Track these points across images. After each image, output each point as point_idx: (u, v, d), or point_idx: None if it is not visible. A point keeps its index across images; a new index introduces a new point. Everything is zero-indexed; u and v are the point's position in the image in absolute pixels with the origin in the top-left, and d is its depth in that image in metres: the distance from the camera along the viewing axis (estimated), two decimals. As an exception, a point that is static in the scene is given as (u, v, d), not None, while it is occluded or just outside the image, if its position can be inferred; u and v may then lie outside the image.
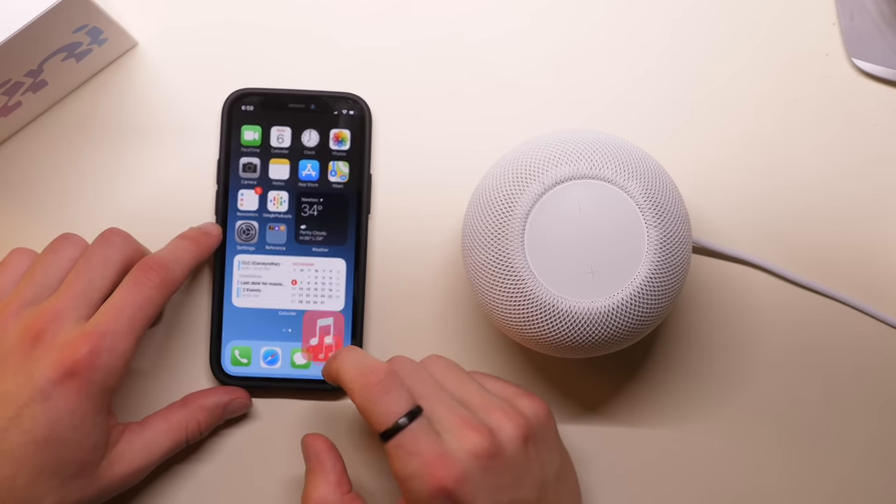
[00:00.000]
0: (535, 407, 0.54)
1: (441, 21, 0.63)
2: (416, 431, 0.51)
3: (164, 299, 0.55)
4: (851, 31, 0.63)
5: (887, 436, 0.62)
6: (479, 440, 0.51)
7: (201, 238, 0.59)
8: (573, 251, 0.54)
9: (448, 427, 0.52)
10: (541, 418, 0.54)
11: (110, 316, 0.53)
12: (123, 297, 0.54)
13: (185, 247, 0.58)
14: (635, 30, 0.63)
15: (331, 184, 0.61)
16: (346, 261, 0.61)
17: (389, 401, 0.52)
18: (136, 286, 0.54)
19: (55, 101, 0.63)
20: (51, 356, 0.52)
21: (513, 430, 0.52)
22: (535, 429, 0.53)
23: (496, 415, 0.53)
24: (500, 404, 0.53)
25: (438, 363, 0.55)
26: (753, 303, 0.62)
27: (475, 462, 0.51)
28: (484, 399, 0.54)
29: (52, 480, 0.52)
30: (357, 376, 0.53)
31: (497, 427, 0.52)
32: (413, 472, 0.51)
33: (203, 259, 0.59)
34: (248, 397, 0.60)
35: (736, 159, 0.63)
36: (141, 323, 0.54)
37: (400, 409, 0.52)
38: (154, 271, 0.55)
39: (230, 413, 0.60)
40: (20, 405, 0.51)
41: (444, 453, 0.51)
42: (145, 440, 0.56)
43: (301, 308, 0.61)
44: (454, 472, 0.50)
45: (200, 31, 0.63)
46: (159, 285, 0.55)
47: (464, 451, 0.51)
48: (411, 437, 0.51)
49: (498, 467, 0.51)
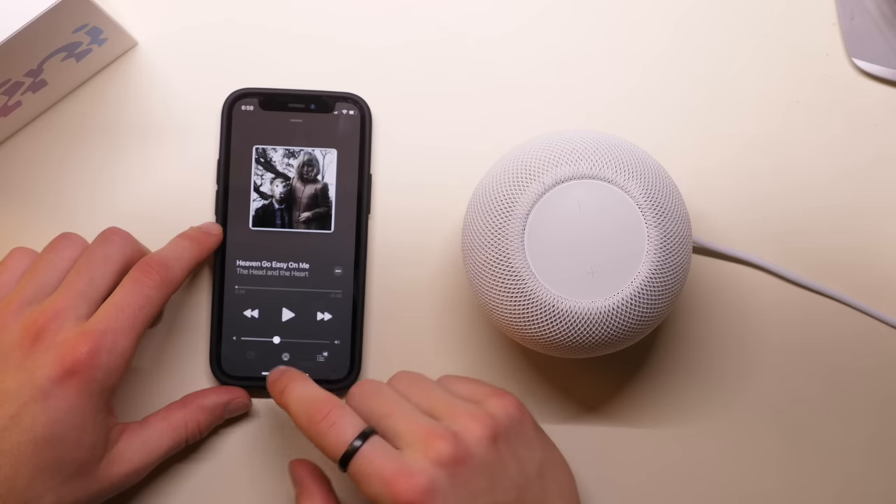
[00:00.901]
0: (504, 405, 0.53)
1: (441, 21, 0.63)
2: (370, 451, 0.51)
3: (164, 298, 0.55)
4: (852, 30, 0.63)
5: (888, 436, 0.62)
6: (443, 447, 0.50)
7: (202, 238, 0.59)
8: (573, 251, 0.54)
9: (410, 441, 0.51)
10: (511, 416, 0.53)
11: (111, 314, 0.53)
12: (123, 295, 0.54)
13: (185, 246, 0.58)
14: (635, 30, 0.63)
15: (331, 184, 0.61)
16: (346, 261, 0.61)
17: (338, 430, 0.52)
18: (135, 285, 0.54)
19: (55, 101, 0.63)
20: (51, 355, 0.52)
21: (480, 431, 0.52)
22: (504, 427, 0.53)
23: (462, 419, 0.52)
24: (466, 408, 0.53)
25: (403, 379, 0.56)
26: (753, 303, 0.62)
27: (441, 471, 0.50)
28: (450, 405, 0.53)
29: (51, 479, 0.52)
30: (302, 413, 0.53)
31: (463, 430, 0.51)
32: (377, 493, 0.50)
33: (204, 258, 0.59)
34: (247, 397, 0.60)
35: (736, 159, 0.63)
36: (141, 321, 0.54)
37: (349, 436, 0.51)
38: (154, 270, 0.55)
39: (230, 413, 0.60)
40: (20, 404, 0.51)
41: (403, 467, 0.50)
42: (145, 440, 0.56)
43: (301, 308, 0.61)
44: (417, 485, 0.50)
45: (200, 31, 0.63)
46: (159, 284, 0.55)
47: (427, 461, 0.50)
48: (365, 458, 0.51)
49: (468, 472, 0.51)
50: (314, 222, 0.61)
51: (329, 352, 0.61)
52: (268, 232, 0.61)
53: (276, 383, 0.56)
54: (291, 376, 0.56)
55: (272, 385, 0.56)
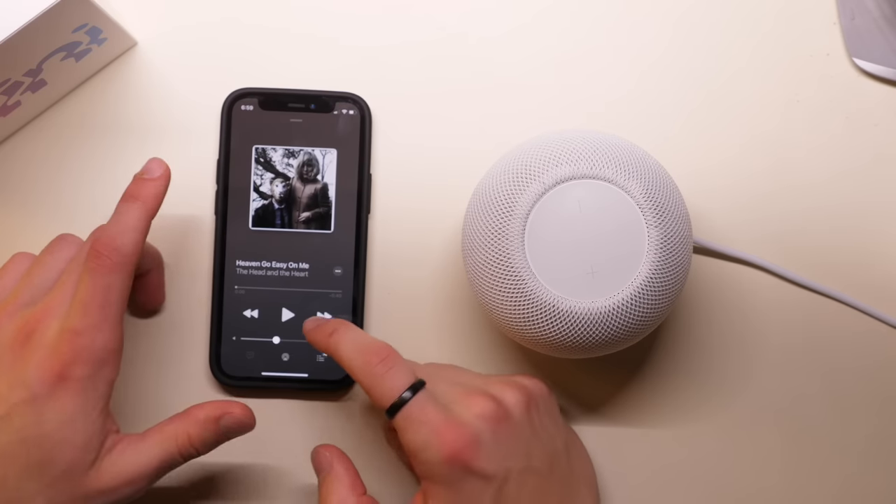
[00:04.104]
0: (533, 381, 0.56)
1: (441, 20, 0.63)
2: (422, 401, 0.52)
3: (126, 277, 0.53)
4: (852, 30, 0.63)
5: (887, 435, 0.62)
6: (486, 403, 0.52)
7: (144, 190, 0.55)
8: (573, 251, 0.54)
9: (452, 398, 0.53)
10: (542, 389, 0.56)
11: (78, 312, 0.52)
12: (84, 290, 0.52)
13: (129, 211, 0.54)
14: (636, 29, 0.63)
15: (331, 184, 0.61)
16: (346, 261, 0.61)
17: (392, 377, 0.53)
18: (92, 276, 0.53)
19: (54, 101, 0.62)
20: (38, 355, 0.52)
21: (516, 396, 0.53)
22: (536, 398, 0.54)
23: (498, 386, 0.54)
24: (500, 378, 0.55)
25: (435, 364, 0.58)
26: (754, 303, 0.62)
27: (484, 425, 0.52)
28: (483, 379, 0.55)
29: (39, 481, 0.52)
30: (357, 356, 0.54)
31: (500, 394, 0.53)
32: (424, 442, 0.51)
33: (154, 209, 0.55)
34: (245, 413, 0.56)
35: (736, 159, 0.63)
36: (113, 310, 0.52)
37: (402, 384, 0.52)
38: (104, 255, 0.53)
39: (226, 428, 0.56)
40: (11, 405, 0.51)
41: (452, 419, 0.52)
42: (137, 450, 0.54)
43: (301, 308, 0.61)
44: (465, 436, 0.51)
45: (200, 30, 0.63)
46: (113, 268, 0.53)
47: (472, 415, 0.52)
48: (418, 408, 0.52)
49: (507, 432, 0.52)
50: (314, 222, 0.61)
51: (329, 352, 0.61)
52: (268, 232, 0.61)
53: (322, 327, 0.56)
54: (340, 321, 0.56)
55: (317, 329, 0.56)
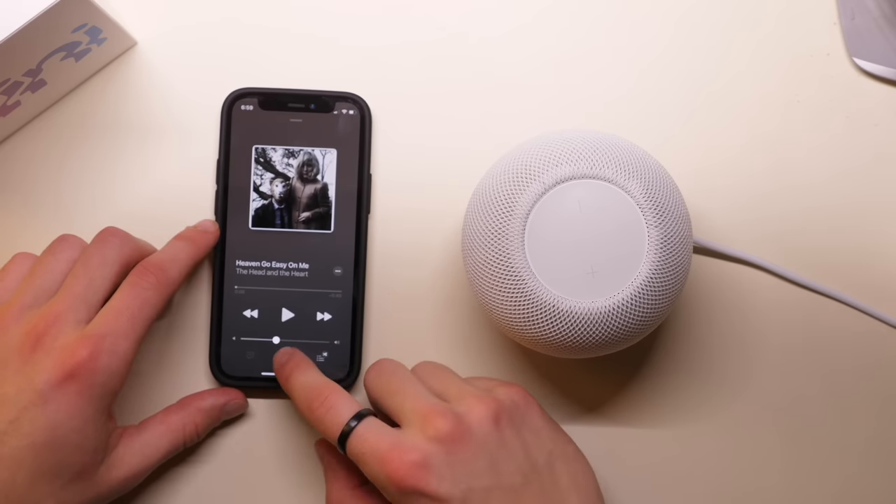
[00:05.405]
0: (509, 391, 0.55)
1: (441, 20, 0.63)
2: (364, 430, 0.53)
3: (162, 300, 0.55)
4: (852, 30, 0.63)
5: (887, 435, 0.62)
6: (442, 424, 0.51)
7: (198, 237, 0.59)
8: (573, 251, 0.54)
9: (412, 418, 0.52)
10: (515, 401, 0.54)
11: (109, 318, 0.53)
12: (122, 299, 0.54)
13: (181, 247, 0.58)
14: (636, 29, 0.63)
15: (330, 184, 0.61)
16: (346, 261, 0.61)
17: (335, 413, 0.54)
18: (133, 288, 0.54)
19: (54, 101, 0.62)
20: (51, 359, 0.52)
21: (483, 412, 0.52)
22: (508, 411, 0.53)
23: (468, 401, 0.53)
24: (474, 392, 0.54)
25: (426, 366, 0.58)
26: (754, 303, 0.62)
27: (437, 447, 0.51)
28: (460, 390, 0.54)
29: (51, 484, 0.52)
30: (302, 401, 0.55)
31: (466, 411, 0.53)
32: (373, 471, 0.52)
33: (202, 257, 0.59)
34: (243, 398, 0.61)
35: (736, 159, 0.63)
36: (140, 324, 0.54)
37: (344, 418, 0.53)
38: (151, 273, 0.55)
39: (227, 415, 0.60)
40: (20, 409, 0.51)
41: (397, 444, 0.51)
42: (143, 443, 0.56)
43: (301, 308, 0.61)
44: (410, 460, 0.51)
45: (200, 30, 0.63)
46: (156, 286, 0.55)
47: (423, 437, 0.51)
48: (360, 437, 0.52)
49: (467, 451, 0.51)
50: (314, 222, 0.61)
51: (329, 352, 0.61)
52: (267, 232, 0.61)
53: (281, 370, 0.58)
54: (296, 363, 0.57)
55: (279, 371, 0.58)
